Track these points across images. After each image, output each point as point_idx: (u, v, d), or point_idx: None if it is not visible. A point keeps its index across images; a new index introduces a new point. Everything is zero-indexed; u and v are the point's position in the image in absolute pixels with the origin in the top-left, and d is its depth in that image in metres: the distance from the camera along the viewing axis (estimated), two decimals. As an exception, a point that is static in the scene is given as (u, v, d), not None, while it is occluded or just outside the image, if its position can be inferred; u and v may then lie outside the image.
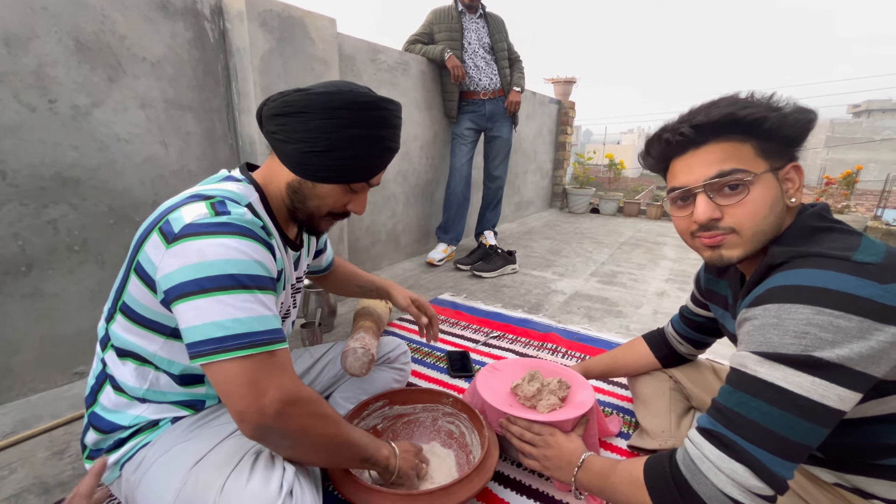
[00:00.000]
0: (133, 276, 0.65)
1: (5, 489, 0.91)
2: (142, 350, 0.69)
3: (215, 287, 0.57)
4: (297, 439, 0.62)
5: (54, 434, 1.08)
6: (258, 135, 1.55)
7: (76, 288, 1.26)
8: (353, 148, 0.68)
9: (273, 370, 0.59)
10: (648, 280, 2.42)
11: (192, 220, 0.60)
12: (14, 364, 1.17)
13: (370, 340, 0.93)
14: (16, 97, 1.09)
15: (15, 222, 1.13)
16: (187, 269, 0.58)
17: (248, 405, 0.56)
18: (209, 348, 0.57)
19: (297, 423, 0.60)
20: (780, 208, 0.64)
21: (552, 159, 4.73)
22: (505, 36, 2.64)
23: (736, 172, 0.62)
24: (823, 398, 0.52)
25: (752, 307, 0.59)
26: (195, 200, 0.64)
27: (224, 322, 0.57)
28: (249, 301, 0.59)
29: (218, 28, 1.49)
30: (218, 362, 0.57)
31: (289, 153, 0.69)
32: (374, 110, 0.68)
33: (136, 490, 0.68)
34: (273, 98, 0.69)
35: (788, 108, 0.62)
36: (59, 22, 1.14)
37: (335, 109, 0.65)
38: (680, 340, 1.04)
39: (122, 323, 0.68)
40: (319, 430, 0.64)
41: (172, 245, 0.60)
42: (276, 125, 0.69)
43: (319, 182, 0.70)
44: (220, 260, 0.58)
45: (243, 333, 0.57)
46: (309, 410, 0.62)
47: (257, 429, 0.57)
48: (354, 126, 0.67)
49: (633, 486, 0.65)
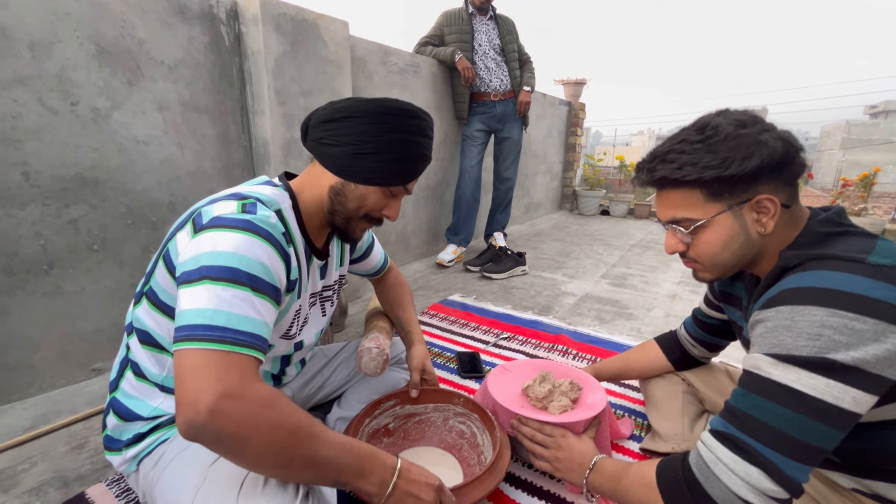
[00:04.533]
0: (160, 263, 0.68)
1: (26, 482, 0.93)
2: (160, 337, 0.71)
3: (212, 276, 0.57)
4: (242, 444, 0.51)
5: (73, 429, 1.11)
6: (272, 137, 1.58)
7: (95, 287, 1.29)
8: (396, 151, 0.73)
9: (229, 369, 0.53)
10: (660, 283, 2.39)
11: (219, 215, 0.63)
12: (35, 360, 1.20)
13: (384, 341, 0.94)
14: (39, 100, 1.12)
15: (37, 222, 1.16)
16: (198, 256, 0.59)
17: (184, 395, 0.51)
18: (182, 335, 0.54)
19: (234, 425, 0.50)
20: (743, 240, 0.67)
21: (562, 161, 4.72)
22: (515, 37, 2.64)
23: (683, 221, 0.68)
24: (838, 400, 0.52)
25: (765, 309, 0.59)
26: (230, 199, 0.67)
27: (205, 310, 0.55)
28: (240, 298, 0.57)
29: (233, 31, 1.52)
30: (183, 350, 0.53)
31: (336, 156, 0.74)
32: (416, 119, 0.75)
33: (155, 486, 0.69)
34: (322, 108, 0.76)
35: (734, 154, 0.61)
36: (81, 27, 1.17)
37: (382, 115, 0.72)
38: (693, 343, 1.03)
39: (146, 308, 0.71)
40: (266, 439, 0.52)
41: (197, 235, 0.62)
42: (325, 130, 0.74)
43: (363, 184, 0.75)
44: (227, 252, 0.59)
45: (219, 326, 0.55)
46: (254, 411, 0.52)
47: (185, 425, 0.50)
48: (398, 131, 0.73)
49: (646, 489, 0.65)
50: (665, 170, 0.67)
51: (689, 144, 0.65)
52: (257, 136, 1.61)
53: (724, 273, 0.72)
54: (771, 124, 0.65)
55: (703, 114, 0.71)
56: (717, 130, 0.63)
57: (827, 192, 6.58)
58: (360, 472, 0.60)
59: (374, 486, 0.61)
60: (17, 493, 0.90)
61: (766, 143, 0.61)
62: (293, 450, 0.54)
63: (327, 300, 0.92)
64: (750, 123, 0.63)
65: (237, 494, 0.61)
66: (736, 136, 0.62)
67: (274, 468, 0.55)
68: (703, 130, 0.65)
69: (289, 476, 0.57)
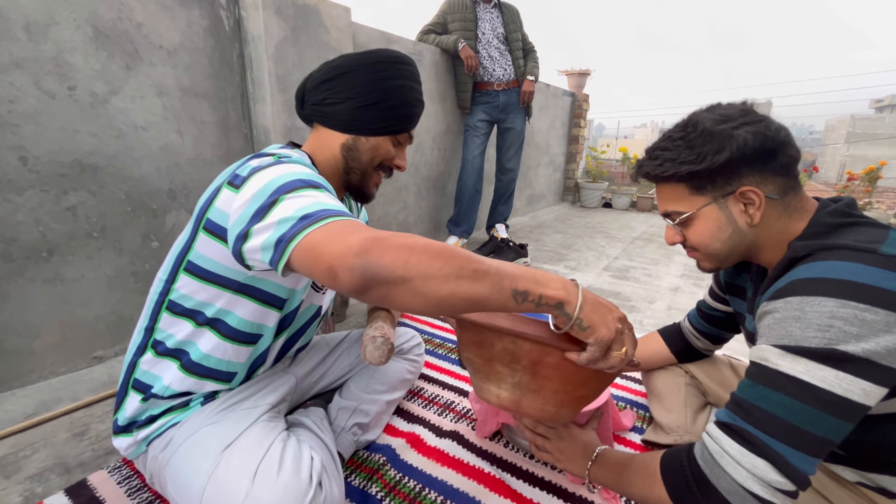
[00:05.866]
0: (202, 234, 0.67)
1: (28, 468, 0.93)
2: (204, 306, 0.70)
3: (287, 191, 0.57)
4: (408, 265, 0.47)
5: (74, 416, 1.10)
6: (272, 124, 1.56)
7: (94, 274, 1.28)
8: (397, 97, 0.77)
9: (355, 226, 0.52)
10: (662, 275, 2.39)
11: (258, 165, 0.64)
12: (35, 347, 1.20)
13: (389, 330, 0.93)
14: (36, 84, 1.10)
15: (36, 208, 1.14)
16: (261, 190, 0.58)
17: (331, 253, 0.48)
18: (291, 233, 0.52)
19: (393, 249, 0.47)
20: (732, 231, 0.69)
21: (565, 153, 4.68)
22: (519, 26, 2.60)
23: (673, 213, 0.72)
24: (847, 392, 0.51)
25: (774, 300, 0.58)
26: (259, 156, 0.68)
27: (300, 209, 0.54)
28: (325, 195, 0.59)
29: (233, 16, 1.49)
30: (301, 239, 0.51)
31: (342, 112, 0.76)
32: (408, 65, 0.79)
33: (165, 469, 0.70)
34: (315, 71, 0.78)
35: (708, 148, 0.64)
36: (78, 9, 1.14)
37: (377, 63, 0.76)
38: (696, 335, 1.02)
39: (187, 281, 0.70)
40: (424, 256, 0.48)
41: (241, 187, 0.61)
42: (325, 90, 0.76)
43: (372, 135, 0.78)
44: (286, 174, 0.60)
45: (322, 210, 0.54)
46: (400, 239, 0.49)
47: (348, 272, 0.46)
48: (395, 78, 0.77)
49: (649, 481, 0.64)
50: (649, 166, 0.71)
51: (672, 141, 0.69)
52: (258, 124, 1.59)
53: (723, 263, 0.73)
54: (762, 117, 0.65)
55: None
56: (696, 126, 0.66)
57: (831, 186, 6.53)
58: (536, 281, 0.52)
59: (560, 291, 0.52)
60: (20, 478, 0.90)
61: (737, 137, 0.63)
62: (455, 261, 0.48)
63: None
64: (734, 118, 0.65)
65: (252, 481, 0.62)
66: (711, 132, 0.64)
67: (445, 284, 0.48)
68: (685, 127, 0.68)
69: (463, 291, 0.48)
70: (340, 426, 0.96)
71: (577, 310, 0.52)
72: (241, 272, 0.67)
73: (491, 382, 0.64)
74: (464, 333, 0.66)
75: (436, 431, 1.07)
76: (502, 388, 0.63)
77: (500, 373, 0.62)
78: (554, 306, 0.52)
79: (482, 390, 0.66)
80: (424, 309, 0.50)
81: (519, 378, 0.62)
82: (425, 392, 1.24)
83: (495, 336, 0.61)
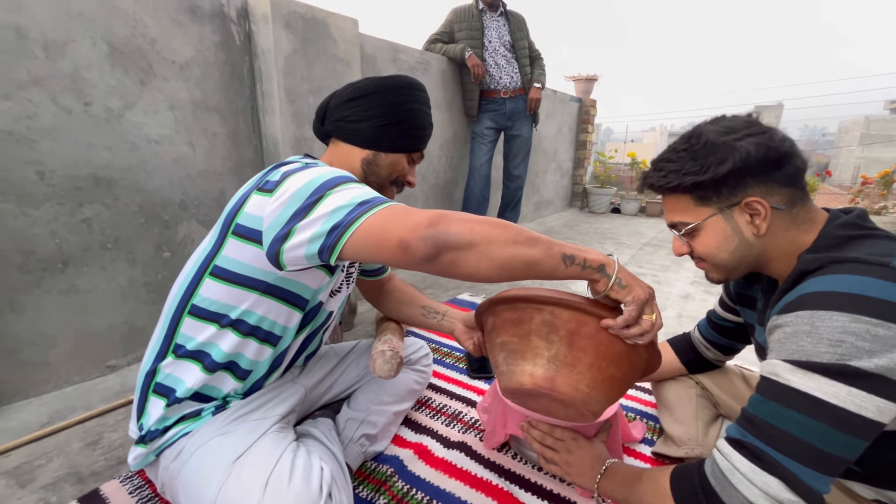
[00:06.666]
0: (232, 239, 0.70)
1: (43, 477, 0.95)
2: (229, 309, 0.72)
3: (333, 186, 0.63)
4: (473, 233, 0.55)
5: (87, 425, 1.12)
6: (281, 135, 1.58)
7: (108, 285, 1.30)
8: (414, 119, 0.84)
9: (413, 208, 0.60)
10: (672, 282, 2.36)
11: (290, 168, 0.68)
12: (50, 357, 1.22)
13: (397, 343, 0.93)
14: (53, 100, 1.13)
15: (52, 220, 1.17)
16: (304, 187, 0.63)
17: (402, 228, 0.56)
18: (348, 219, 0.59)
19: (458, 221, 0.56)
20: (739, 242, 0.68)
21: (572, 158, 4.67)
22: (526, 34, 2.62)
23: (679, 224, 0.72)
24: (861, 409, 0.50)
25: (784, 314, 0.58)
26: (288, 162, 0.72)
27: (356, 198, 0.61)
28: (369, 188, 0.65)
29: (244, 30, 1.52)
30: (364, 221, 0.58)
31: (365, 130, 0.81)
32: (422, 91, 0.86)
33: (176, 478, 0.71)
34: (342, 89, 0.84)
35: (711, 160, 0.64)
36: (94, 27, 1.18)
37: (399, 88, 0.82)
38: (707, 346, 1.01)
39: (212, 285, 0.72)
40: (485, 226, 0.57)
41: (276, 190, 0.65)
42: (350, 108, 0.82)
43: (392, 152, 0.83)
44: (324, 173, 0.65)
45: (377, 197, 0.62)
46: (461, 214, 0.58)
47: (421, 241, 0.55)
48: (413, 101, 0.83)
49: (660, 497, 0.63)
50: (653, 177, 0.72)
51: (676, 153, 0.69)
52: (267, 135, 1.61)
53: (731, 274, 0.73)
54: (766, 129, 0.65)
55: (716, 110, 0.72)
56: (700, 138, 0.67)
57: (845, 189, 6.42)
58: (580, 248, 0.61)
59: (601, 256, 0.62)
60: (34, 488, 0.92)
61: (739, 148, 0.63)
62: (512, 230, 0.57)
63: (350, 276, 0.94)
64: (737, 129, 0.65)
65: (263, 492, 0.62)
66: (715, 143, 0.65)
67: (506, 248, 0.56)
68: (689, 139, 0.69)
69: (522, 254, 0.57)
70: (349, 437, 0.96)
71: (616, 271, 0.61)
72: (271, 273, 0.69)
73: (526, 361, 0.66)
74: (498, 319, 0.72)
75: (444, 442, 1.06)
76: (538, 364, 0.65)
77: (537, 347, 0.66)
78: (596, 269, 0.61)
79: (514, 374, 0.67)
80: (489, 271, 0.57)
81: (556, 350, 0.65)
82: (433, 402, 1.24)
83: (535, 310, 0.66)
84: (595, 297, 0.65)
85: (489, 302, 0.74)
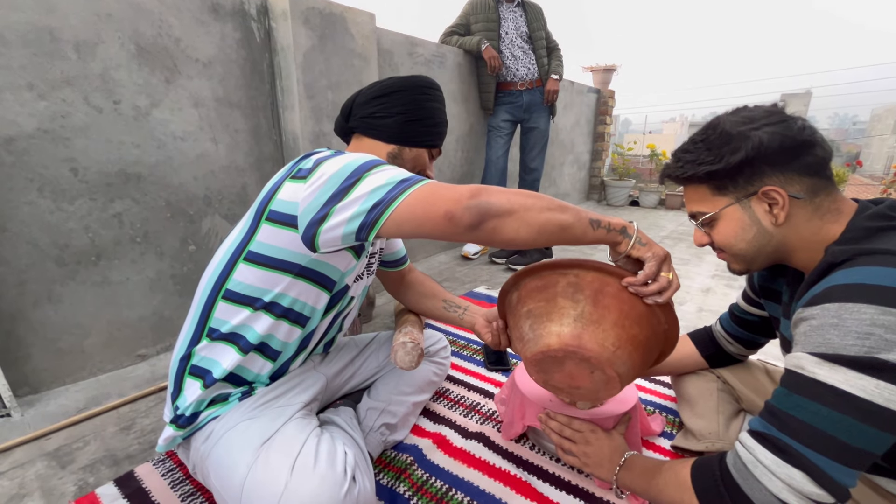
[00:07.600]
0: (266, 224, 0.73)
1: (81, 459, 1.00)
2: (262, 292, 0.75)
3: (369, 168, 0.67)
4: (511, 202, 0.62)
5: (121, 411, 1.17)
6: (301, 130, 1.60)
7: (138, 277, 1.35)
8: (434, 117, 0.89)
9: (451, 184, 0.65)
10: (692, 276, 2.32)
11: (321, 156, 0.71)
12: (85, 346, 1.28)
13: (418, 335, 0.95)
14: (85, 99, 1.18)
15: (86, 216, 1.22)
16: (333, 177, 0.66)
17: (446, 200, 0.62)
18: (393, 194, 0.63)
19: (497, 192, 0.63)
20: (757, 231, 0.68)
21: (590, 150, 4.61)
22: (543, 24, 2.58)
23: (697, 214, 0.73)
24: (889, 402, 0.49)
25: (810, 306, 0.57)
26: (317, 151, 0.76)
27: (395, 177, 0.65)
28: (401, 169, 0.69)
29: (264, 27, 1.54)
30: (407, 197, 0.63)
31: (390, 125, 0.85)
32: (440, 91, 0.91)
33: (207, 460, 0.74)
34: (366, 88, 0.89)
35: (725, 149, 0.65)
36: (122, 27, 1.21)
37: (421, 87, 0.87)
38: (729, 340, 1.00)
39: (246, 270, 0.74)
40: (521, 195, 0.64)
41: (310, 176, 0.69)
42: (376, 105, 0.86)
43: (415, 147, 0.88)
44: (359, 156, 0.69)
45: (415, 175, 0.67)
46: (497, 187, 0.64)
47: (466, 211, 0.60)
48: (433, 100, 0.89)
49: (680, 490, 0.63)
50: (671, 168, 0.74)
51: (694, 144, 0.70)
52: (287, 130, 1.64)
53: (751, 264, 0.73)
54: (785, 118, 0.65)
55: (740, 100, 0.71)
56: (716, 129, 0.67)
57: (877, 180, 6.16)
58: (603, 214, 0.68)
59: (623, 221, 0.69)
60: (74, 469, 0.97)
61: (752, 138, 0.63)
62: (544, 198, 0.64)
63: (371, 266, 0.96)
64: (756, 119, 0.65)
65: (290, 473, 0.65)
66: (730, 133, 0.65)
67: (541, 214, 0.63)
68: (706, 130, 0.70)
69: (556, 219, 0.63)
70: (369, 426, 0.98)
71: (636, 232, 0.68)
72: (305, 255, 0.72)
73: (553, 322, 0.71)
74: (523, 290, 0.76)
75: (462, 433, 1.08)
76: (564, 323, 0.70)
77: (563, 307, 0.70)
78: (619, 231, 0.68)
79: (541, 338, 0.71)
80: (528, 235, 0.63)
81: (581, 308, 0.69)
82: (451, 393, 1.25)
83: (560, 275, 0.72)
84: (615, 259, 0.71)
85: (514, 277, 0.78)
